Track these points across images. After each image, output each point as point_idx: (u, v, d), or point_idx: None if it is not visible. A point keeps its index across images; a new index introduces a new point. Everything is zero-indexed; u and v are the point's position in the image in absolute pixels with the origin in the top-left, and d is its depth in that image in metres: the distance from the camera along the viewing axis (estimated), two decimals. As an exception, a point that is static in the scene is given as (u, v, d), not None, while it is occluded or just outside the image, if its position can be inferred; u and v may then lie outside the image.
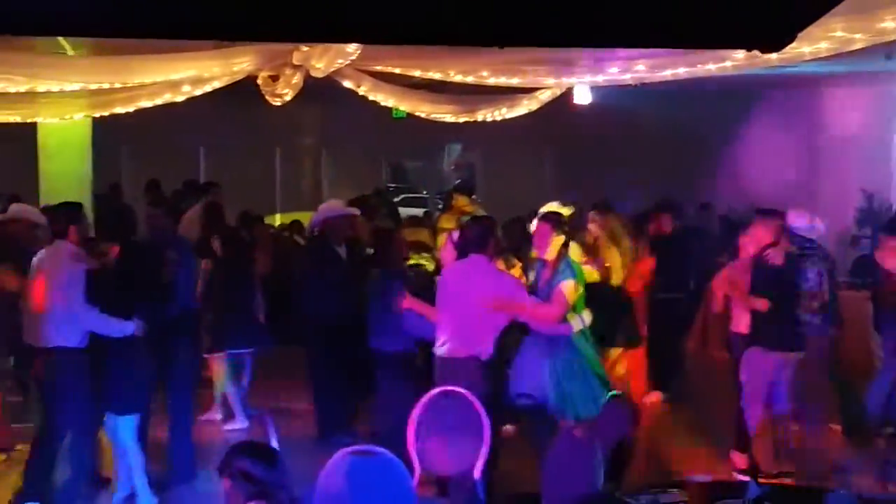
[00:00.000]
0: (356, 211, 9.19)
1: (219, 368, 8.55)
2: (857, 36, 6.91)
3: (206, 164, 16.50)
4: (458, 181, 21.30)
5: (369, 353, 7.25)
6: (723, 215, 12.15)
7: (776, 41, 2.78)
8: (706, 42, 2.92)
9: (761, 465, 7.01)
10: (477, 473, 5.48)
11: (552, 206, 7.45)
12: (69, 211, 6.77)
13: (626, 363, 8.65)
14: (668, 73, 9.03)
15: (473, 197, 12.64)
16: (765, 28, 2.65)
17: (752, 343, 7.19)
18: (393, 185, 18.34)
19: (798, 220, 7.89)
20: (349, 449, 4.75)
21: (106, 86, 9.50)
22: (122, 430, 6.57)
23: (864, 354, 8.62)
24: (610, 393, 6.44)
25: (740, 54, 8.08)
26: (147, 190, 11.92)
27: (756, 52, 7.73)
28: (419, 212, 14.78)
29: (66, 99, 10.29)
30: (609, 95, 12.03)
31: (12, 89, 9.16)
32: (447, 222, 10.08)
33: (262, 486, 3.75)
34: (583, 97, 11.54)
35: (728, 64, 8.40)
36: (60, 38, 8.36)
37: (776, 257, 7.13)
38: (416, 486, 5.09)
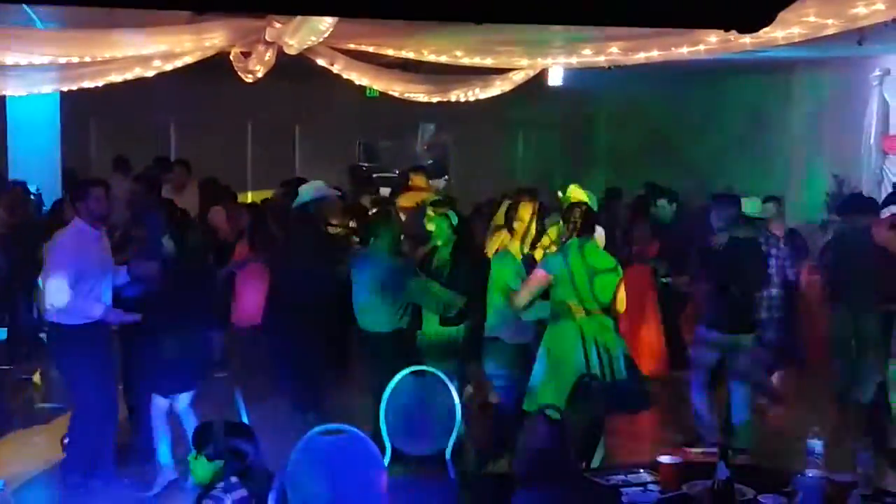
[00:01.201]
0: (336, 193, 9.17)
1: None
2: (830, 21, 6.94)
3: (177, 140, 16.35)
4: (430, 161, 21.29)
5: (350, 333, 7.24)
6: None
7: (753, 23, 2.77)
8: (684, 22, 2.92)
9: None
10: (448, 453, 5.49)
11: (577, 191, 7.33)
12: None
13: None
14: (641, 56, 9.02)
15: (447, 178, 12.64)
16: (742, 9, 2.64)
17: (700, 322, 7.48)
18: (365, 164, 18.22)
19: (748, 204, 8.14)
20: (320, 427, 4.74)
21: (75, 59, 9.37)
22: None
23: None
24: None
25: (714, 37, 8.09)
26: (116, 166, 11.81)
27: (730, 36, 7.81)
28: (387, 192, 14.71)
29: (34, 72, 10.16)
30: (582, 77, 12.02)
31: (-21, 62, 9.03)
32: (406, 201, 10.05)
33: (246, 462, 3.79)
34: (556, 78, 11.54)
35: (702, 47, 8.41)
36: (29, 10, 8.24)
37: (720, 239, 7.37)
38: (387, 465, 5.09)
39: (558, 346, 6.35)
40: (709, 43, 8.18)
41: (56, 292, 6.17)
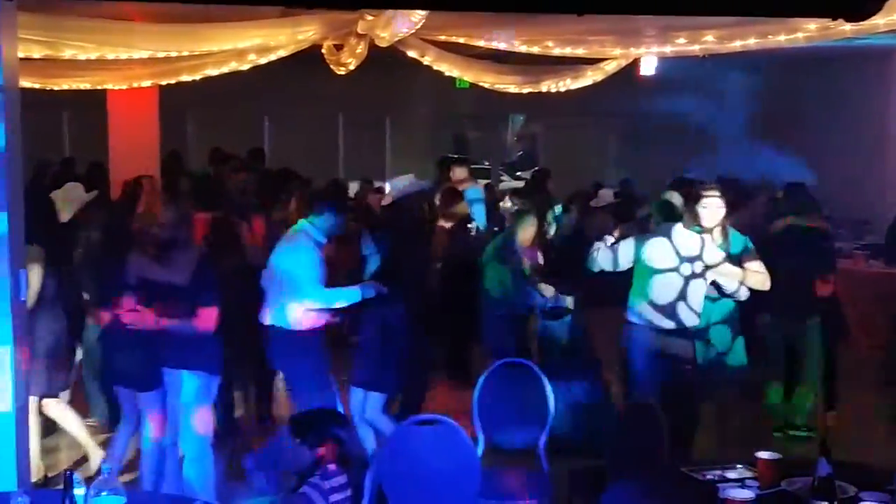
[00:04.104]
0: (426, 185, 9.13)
1: None
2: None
3: (270, 133, 16.60)
4: (519, 153, 21.22)
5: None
6: None
7: (862, 11, 2.71)
8: (791, 10, 2.86)
9: None
10: (542, 445, 5.49)
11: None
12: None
13: None
14: (737, 44, 8.88)
15: (536, 168, 12.42)
16: (851, -3, 2.59)
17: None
18: (455, 155, 18.27)
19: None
20: (416, 418, 4.78)
21: (173, 54, 9.58)
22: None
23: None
24: None
25: (812, 25, 7.92)
26: (211, 158, 12.04)
27: (828, 23, 7.63)
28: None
29: (134, 66, 10.42)
30: (675, 66, 11.87)
31: (83, 56, 9.28)
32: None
33: (343, 449, 3.86)
34: (649, 68, 11.41)
35: (800, 35, 8.24)
36: (129, 6, 8.45)
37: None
38: (480, 456, 5.11)
39: None
40: (807, 30, 8.02)
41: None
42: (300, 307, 6.16)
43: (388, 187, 7.76)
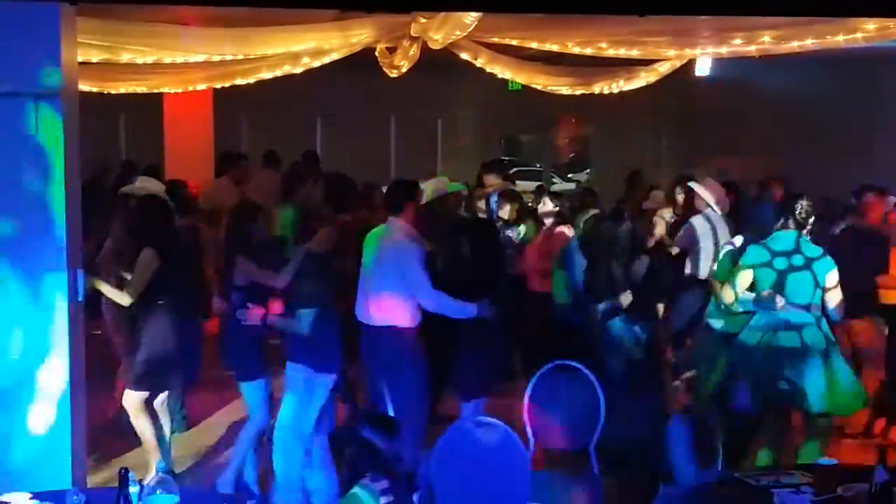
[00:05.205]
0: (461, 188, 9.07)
1: None
2: None
3: (323, 135, 16.70)
4: (571, 155, 21.11)
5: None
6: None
7: (923, 9, 2.65)
8: (850, 10, 2.80)
9: None
10: (592, 448, 5.46)
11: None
12: (406, 187, 6.54)
13: None
14: (794, 45, 8.75)
15: (588, 171, 12.33)
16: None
17: None
18: (507, 157, 18.24)
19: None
20: (467, 420, 4.77)
21: (228, 57, 9.68)
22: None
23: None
24: None
25: (871, 25, 7.79)
26: (266, 161, 12.13)
27: (888, 23, 7.49)
28: (532, 185, 14.65)
29: (189, 70, 10.54)
30: (729, 67, 11.74)
31: (140, 60, 9.41)
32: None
33: (381, 457, 3.79)
34: (703, 69, 11.30)
35: (858, 35, 8.10)
36: (186, 10, 8.55)
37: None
38: (531, 458, 5.09)
39: None
40: (866, 31, 7.88)
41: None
42: (409, 306, 6.13)
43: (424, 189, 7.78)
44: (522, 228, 8.65)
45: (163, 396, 6.39)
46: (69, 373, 5.09)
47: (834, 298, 6.02)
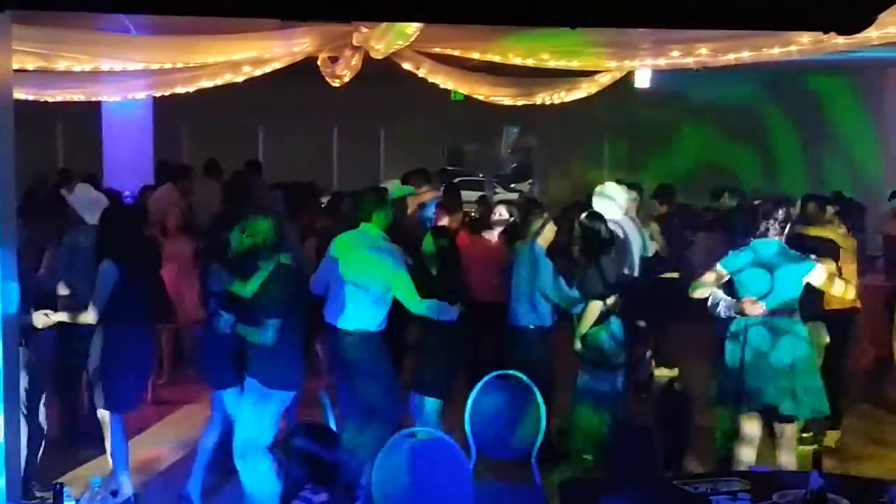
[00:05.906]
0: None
1: None
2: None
3: (265, 144, 16.61)
4: (514, 165, 21.19)
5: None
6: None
7: (853, 24, 2.72)
8: (783, 24, 2.86)
9: None
10: (533, 457, 5.47)
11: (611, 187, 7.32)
12: (377, 194, 6.61)
13: None
14: (731, 57, 8.91)
15: (531, 181, 12.37)
16: (843, 11, 2.59)
17: None
18: (450, 167, 18.28)
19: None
20: (407, 432, 4.76)
21: (168, 65, 9.58)
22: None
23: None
24: None
25: (806, 38, 7.94)
26: (206, 170, 12.03)
27: (822, 37, 7.65)
28: (475, 195, 14.70)
29: (128, 78, 10.42)
30: (669, 79, 11.90)
31: (77, 68, 9.27)
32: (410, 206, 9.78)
33: (318, 468, 3.74)
34: (643, 80, 11.44)
35: (793, 48, 8.27)
36: (124, 17, 8.44)
37: None
38: (472, 469, 5.09)
39: None
40: (801, 44, 8.05)
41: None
42: (379, 311, 6.22)
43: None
44: None
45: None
46: (1, 391, 4.95)
47: (830, 287, 6.13)
